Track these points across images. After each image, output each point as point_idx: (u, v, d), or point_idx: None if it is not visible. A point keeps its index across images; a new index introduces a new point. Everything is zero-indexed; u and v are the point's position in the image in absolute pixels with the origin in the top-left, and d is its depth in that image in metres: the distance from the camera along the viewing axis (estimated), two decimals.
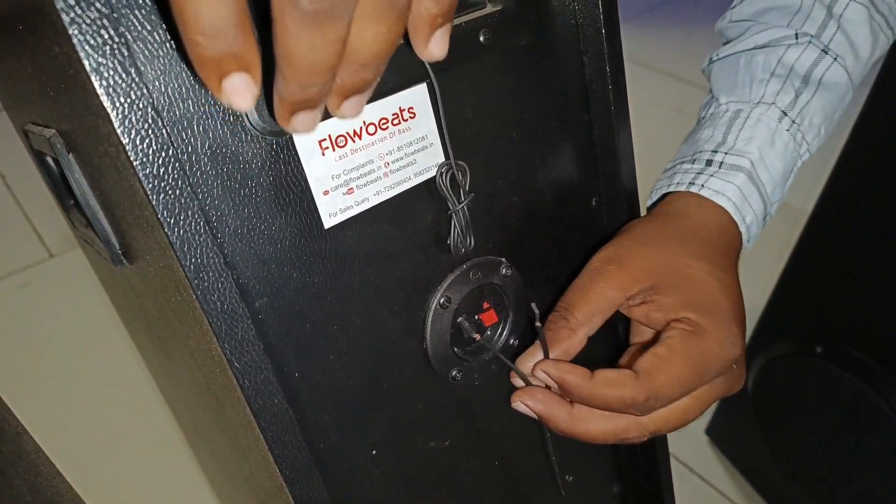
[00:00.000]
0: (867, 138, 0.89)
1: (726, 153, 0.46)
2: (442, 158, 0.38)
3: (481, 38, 0.37)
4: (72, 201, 0.41)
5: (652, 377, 0.38)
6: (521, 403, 0.40)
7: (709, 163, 0.47)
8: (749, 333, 1.10)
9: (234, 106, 0.24)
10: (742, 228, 0.46)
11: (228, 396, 0.35)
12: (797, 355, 1.03)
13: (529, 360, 0.41)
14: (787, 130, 0.47)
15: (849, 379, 0.96)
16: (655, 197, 0.50)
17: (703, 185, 0.45)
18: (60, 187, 0.40)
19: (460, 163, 0.38)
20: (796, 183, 0.50)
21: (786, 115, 0.48)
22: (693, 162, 0.48)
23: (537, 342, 0.41)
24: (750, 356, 1.10)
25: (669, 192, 0.47)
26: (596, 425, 0.40)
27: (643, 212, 0.49)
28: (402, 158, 0.36)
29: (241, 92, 0.23)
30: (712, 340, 0.39)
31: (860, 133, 0.89)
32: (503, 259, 0.42)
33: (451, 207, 0.38)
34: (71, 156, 0.35)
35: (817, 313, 1.01)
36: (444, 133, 0.37)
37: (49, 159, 0.39)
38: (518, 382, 0.42)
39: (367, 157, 0.35)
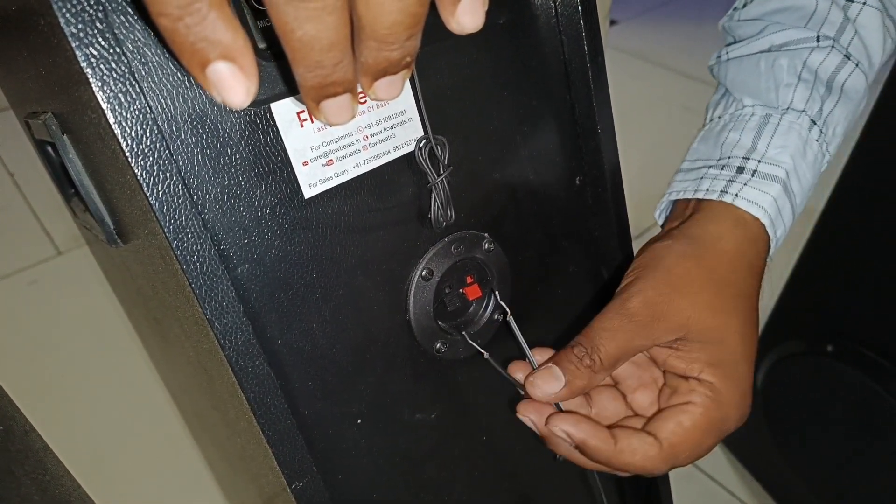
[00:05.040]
0: (878, 136, 0.88)
1: (759, 161, 0.45)
2: (421, 133, 0.39)
3: None
4: (72, 190, 0.43)
5: (675, 449, 0.39)
6: (559, 429, 0.39)
7: (740, 170, 0.45)
8: (759, 332, 1.09)
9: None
10: (772, 242, 0.45)
11: (213, 363, 0.36)
12: (808, 354, 1.02)
13: (525, 371, 0.41)
14: (817, 140, 0.46)
15: (860, 378, 0.95)
16: (674, 198, 0.48)
17: (736, 195, 0.44)
18: (60, 175, 0.42)
19: (439, 137, 0.39)
20: None
21: (815, 123, 0.46)
22: (722, 168, 0.46)
23: (549, 366, 0.40)
24: (760, 354, 1.10)
25: (697, 199, 0.46)
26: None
27: (628, 196, 0.50)
28: (381, 132, 0.37)
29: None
30: (730, 410, 0.40)
31: (871, 131, 0.89)
32: (485, 234, 0.43)
33: (430, 180, 0.39)
34: (65, 137, 0.37)
35: (828, 312, 1.00)
36: (421, 108, 0.38)
37: (49, 148, 0.41)
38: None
39: (346, 130, 0.36)
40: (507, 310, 0.43)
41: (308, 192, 0.35)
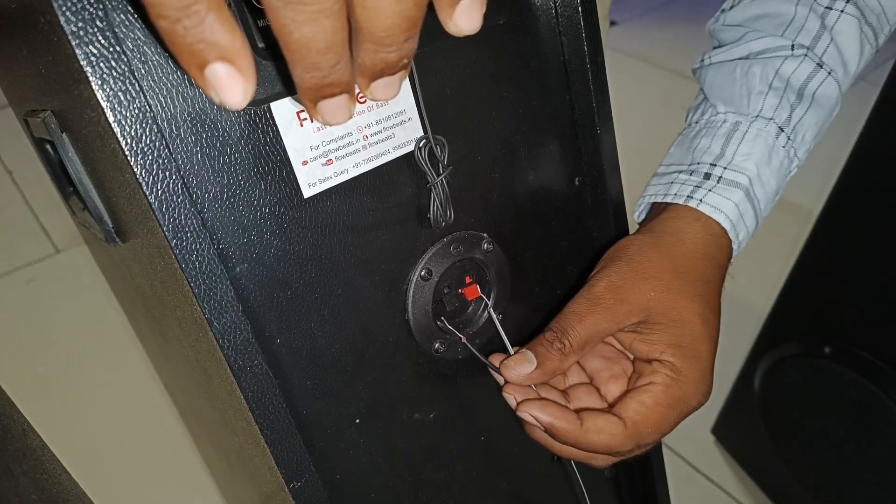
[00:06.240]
0: (877, 139, 0.88)
1: (725, 168, 0.47)
2: (421, 133, 0.39)
3: None
4: (71, 188, 0.43)
5: (638, 426, 0.40)
6: (528, 414, 0.41)
7: (707, 176, 0.47)
8: (756, 333, 1.10)
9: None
10: (734, 245, 0.47)
11: (212, 362, 0.36)
12: (805, 356, 1.02)
13: (509, 363, 0.42)
14: (783, 147, 0.48)
15: (857, 380, 0.95)
16: (648, 201, 0.50)
17: (701, 200, 0.46)
18: (59, 173, 0.42)
19: (438, 137, 0.39)
20: (805, 183, 0.50)
21: (782, 131, 0.48)
22: (691, 173, 0.48)
23: (523, 351, 0.42)
24: (757, 356, 1.10)
25: (666, 202, 0.48)
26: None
27: (627, 197, 0.50)
28: (380, 132, 0.37)
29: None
30: (690, 388, 0.42)
31: (870, 133, 0.89)
32: (485, 234, 0.43)
33: (430, 181, 0.39)
34: (65, 135, 0.37)
35: (826, 314, 1.00)
36: (421, 108, 0.38)
37: (48, 146, 0.41)
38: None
39: (346, 130, 0.36)
40: (486, 299, 0.44)
41: (307, 192, 0.35)
